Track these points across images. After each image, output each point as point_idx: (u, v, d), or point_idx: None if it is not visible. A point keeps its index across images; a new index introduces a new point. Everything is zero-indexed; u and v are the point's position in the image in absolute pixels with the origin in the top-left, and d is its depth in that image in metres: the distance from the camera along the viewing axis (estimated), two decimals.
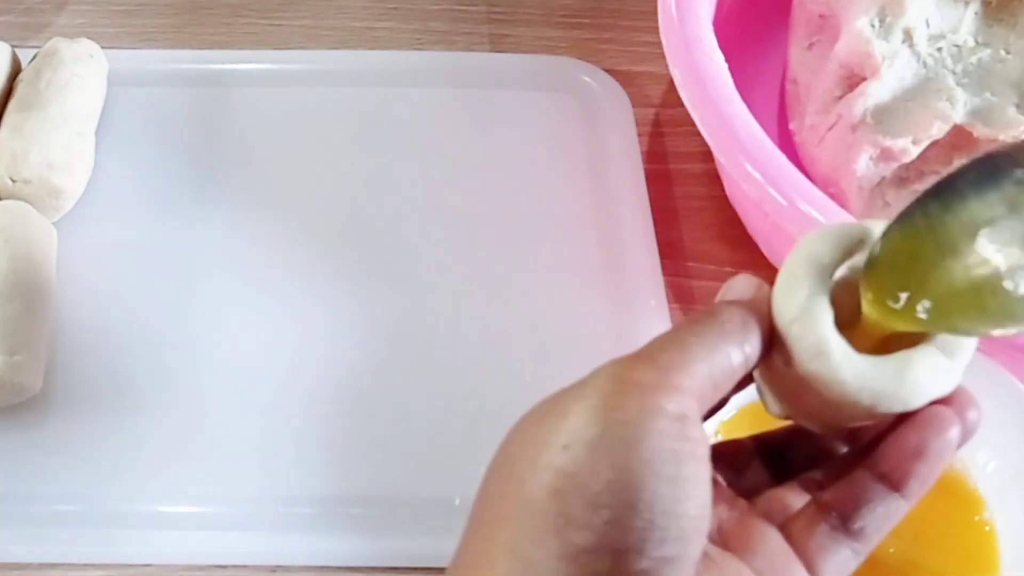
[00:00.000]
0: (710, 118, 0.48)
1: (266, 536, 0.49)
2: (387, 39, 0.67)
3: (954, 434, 0.29)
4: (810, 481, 0.32)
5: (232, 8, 0.68)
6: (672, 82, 0.50)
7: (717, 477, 0.32)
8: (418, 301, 0.56)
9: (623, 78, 0.64)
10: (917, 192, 0.51)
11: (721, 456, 0.33)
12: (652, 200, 0.59)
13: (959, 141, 0.51)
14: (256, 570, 0.49)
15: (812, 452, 0.33)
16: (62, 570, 0.49)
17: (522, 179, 0.60)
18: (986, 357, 0.44)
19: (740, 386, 0.32)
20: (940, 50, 0.53)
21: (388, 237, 0.58)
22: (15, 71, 0.60)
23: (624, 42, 0.67)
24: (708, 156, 0.60)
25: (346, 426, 0.52)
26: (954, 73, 0.52)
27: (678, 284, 0.58)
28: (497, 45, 0.67)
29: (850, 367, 0.29)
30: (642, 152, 0.61)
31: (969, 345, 0.30)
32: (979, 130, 0.50)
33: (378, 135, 0.62)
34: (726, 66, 0.50)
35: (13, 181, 0.55)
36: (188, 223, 0.58)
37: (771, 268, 0.56)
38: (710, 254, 0.59)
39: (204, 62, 0.64)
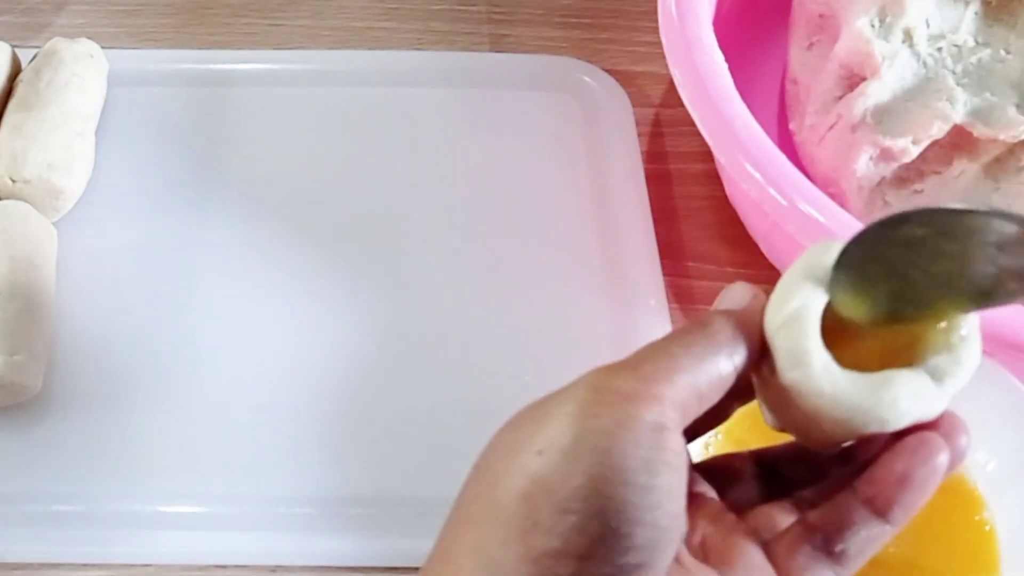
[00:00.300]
0: (710, 118, 0.48)
1: (266, 536, 0.49)
2: (387, 39, 0.67)
3: (941, 462, 0.29)
4: (802, 500, 0.32)
5: (232, 8, 0.68)
6: (672, 82, 0.50)
7: (707, 490, 0.32)
8: (418, 301, 0.56)
9: (623, 78, 0.64)
10: (917, 192, 0.52)
11: (715, 469, 0.33)
12: (652, 200, 0.59)
13: (959, 141, 0.51)
14: (256, 570, 0.49)
15: (808, 470, 0.33)
16: (62, 570, 0.49)
17: (522, 179, 0.60)
18: (986, 357, 0.44)
19: (746, 398, 0.32)
20: (940, 50, 0.53)
21: (388, 237, 0.58)
22: (15, 71, 0.60)
23: (624, 42, 0.67)
24: (708, 156, 0.60)
25: (346, 426, 0.52)
26: (954, 73, 0.52)
27: (678, 284, 0.58)
28: (497, 45, 0.67)
29: (829, 379, 0.29)
30: (642, 152, 0.61)
31: (961, 372, 0.29)
32: (979, 130, 0.50)
33: (378, 135, 0.62)
34: (726, 66, 0.50)
35: (13, 181, 0.55)
36: (188, 223, 0.58)
37: (771, 268, 0.56)
38: (710, 254, 0.59)
39: (204, 62, 0.64)
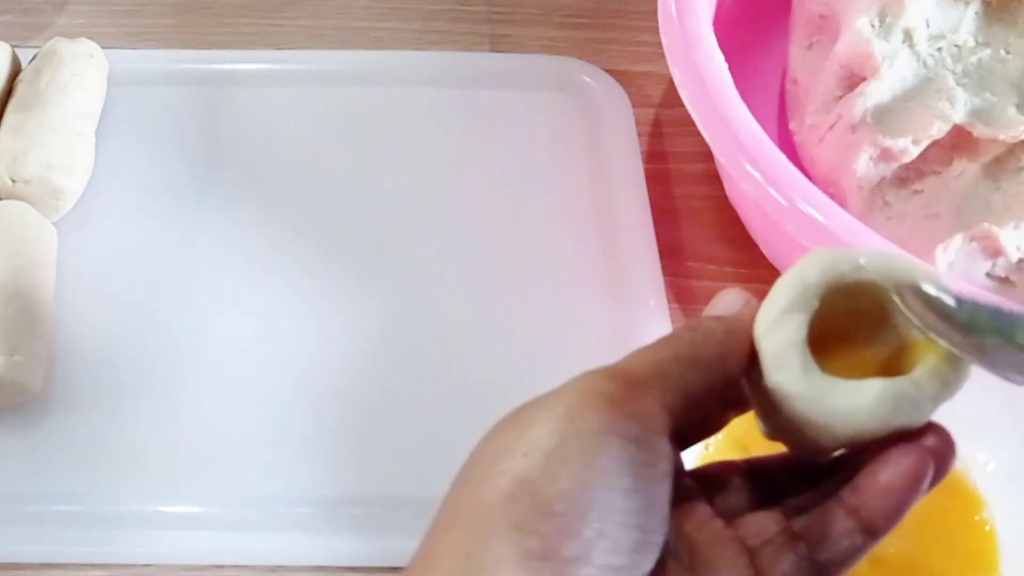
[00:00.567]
0: (710, 118, 0.48)
1: (266, 536, 0.49)
2: (387, 39, 0.67)
3: (925, 474, 0.29)
4: (790, 509, 0.32)
5: (232, 8, 0.68)
6: (672, 82, 0.50)
7: (697, 496, 0.32)
8: (418, 301, 0.56)
9: (623, 78, 0.64)
10: (917, 192, 0.52)
11: (707, 476, 0.33)
12: (652, 200, 0.59)
13: (959, 141, 0.51)
14: (256, 570, 0.49)
15: (800, 481, 0.33)
16: (62, 570, 0.49)
17: (522, 179, 0.60)
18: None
19: (742, 408, 0.32)
20: (940, 50, 0.53)
21: (387, 237, 0.58)
22: (15, 71, 0.60)
23: (624, 42, 0.67)
24: (708, 156, 0.60)
25: (346, 426, 0.52)
26: (954, 73, 0.52)
27: (678, 284, 0.58)
28: (497, 45, 0.67)
29: (809, 383, 0.29)
30: (642, 152, 0.61)
31: (946, 385, 0.29)
32: (979, 130, 0.50)
33: (378, 135, 0.62)
34: (726, 66, 0.50)
35: (13, 181, 0.55)
36: (188, 223, 0.58)
37: (771, 268, 0.56)
38: (710, 254, 0.59)
39: (204, 62, 0.64)
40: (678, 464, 0.31)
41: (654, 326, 0.55)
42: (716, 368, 0.30)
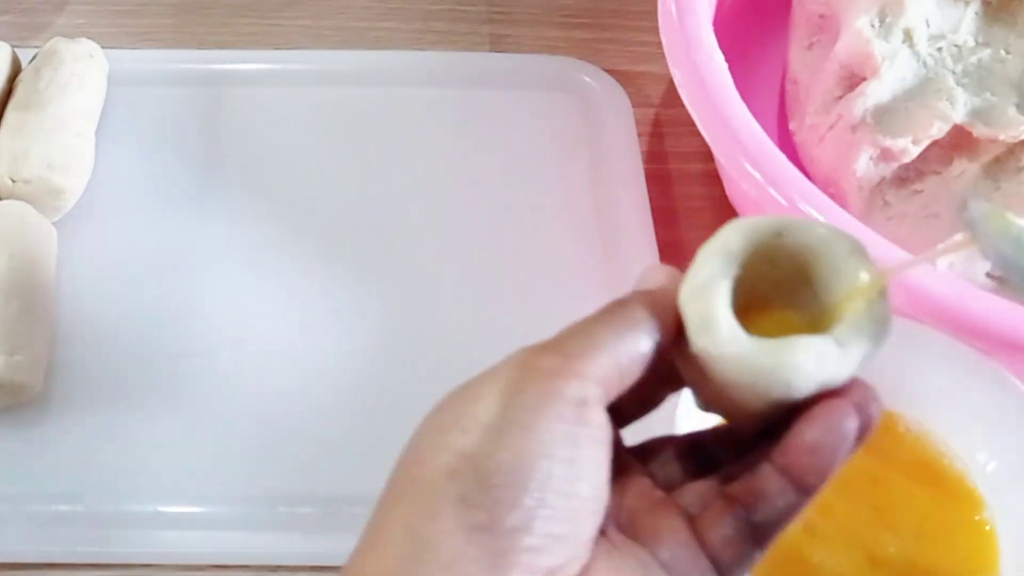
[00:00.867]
0: (710, 118, 0.48)
1: (266, 536, 0.49)
2: (387, 39, 0.67)
3: (850, 428, 0.30)
4: (726, 476, 0.32)
5: (232, 8, 0.68)
6: (672, 82, 0.50)
7: (637, 469, 0.33)
8: (418, 302, 0.56)
9: (623, 78, 0.64)
10: (917, 192, 0.52)
11: (645, 449, 0.34)
12: (652, 200, 0.59)
13: (959, 141, 0.51)
14: (256, 570, 0.49)
15: (735, 450, 0.33)
16: (62, 570, 0.49)
17: (522, 179, 0.60)
18: (986, 357, 0.44)
19: (677, 384, 0.32)
20: (940, 50, 0.53)
21: (387, 237, 0.58)
22: (15, 71, 0.60)
23: (624, 42, 0.67)
24: (708, 156, 0.60)
25: (346, 426, 0.52)
26: (954, 73, 0.52)
27: None
28: (497, 45, 0.67)
29: (734, 344, 0.29)
30: (642, 152, 0.61)
31: (865, 339, 0.30)
32: (979, 130, 0.50)
33: (378, 135, 0.62)
34: (726, 66, 0.50)
35: (13, 181, 0.55)
36: (188, 223, 0.58)
37: None
38: None
39: (204, 62, 0.64)
40: (617, 438, 0.32)
41: None
42: (645, 340, 0.30)
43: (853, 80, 0.53)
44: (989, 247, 0.29)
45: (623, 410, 0.31)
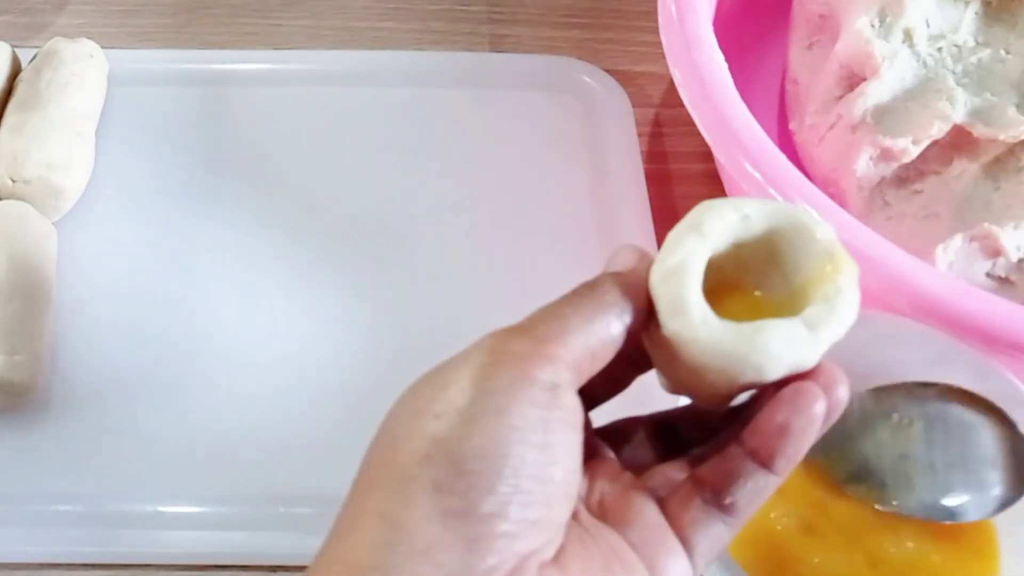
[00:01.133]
0: (710, 118, 0.48)
1: (266, 536, 0.49)
2: (387, 39, 0.67)
3: (818, 410, 0.30)
4: (696, 457, 0.33)
5: (232, 8, 0.68)
6: (672, 82, 0.50)
7: (606, 452, 0.33)
8: (419, 301, 0.56)
9: (623, 78, 0.64)
10: (917, 192, 0.52)
11: (614, 432, 0.34)
12: (652, 200, 0.59)
13: (959, 141, 0.51)
14: (256, 570, 0.49)
15: (703, 431, 0.34)
16: (62, 570, 0.49)
17: (522, 179, 0.60)
18: (986, 357, 0.44)
19: (645, 367, 0.33)
20: (940, 50, 0.53)
21: (387, 238, 0.58)
22: (15, 71, 0.60)
23: (624, 42, 0.67)
24: (708, 156, 0.60)
25: (347, 426, 0.52)
26: (954, 73, 0.52)
27: None
28: (497, 45, 0.67)
29: (705, 327, 0.29)
30: (642, 152, 0.61)
31: (835, 321, 0.30)
32: (979, 130, 0.50)
33: (378, 135, 0.62)
34: (726, 66, 0.50)
35: (13, 181, 0.55)
36: (188, 223, 0.58)
37: None
38: None
39: (204, 62, 0.64)
40: (586, 421, 0.32)
41: None
42: (615, 322, 0.30)
43: (853, 80, 0.53)
44: None
45: (591, 392, 0.31)
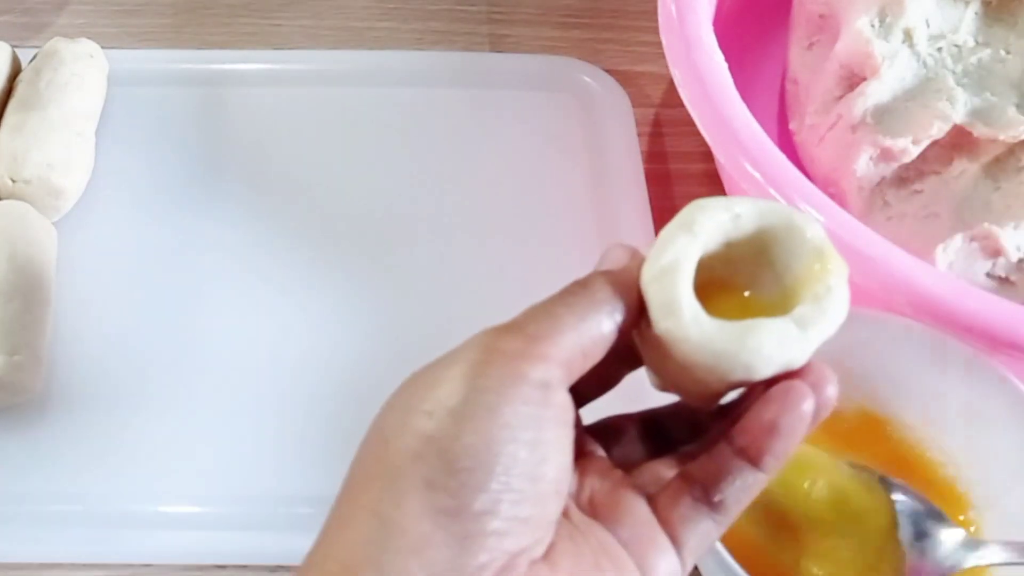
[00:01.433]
0: (710, 118, 0.48)
1: (266, 536, 0.49)
2: (387, 39, 0.67)
3: (807, 409, 0.30)
4: (684, 455, 0.33)
5: (232, 8, 0.68)
6: (672, 82, 0.50)
7: (596, 449, 0.33)
8: (418, 301, 0.56)
9: (623, 78, 0.64)
10: (917, 192, 0.52)
11: (604, 429, 0.34)
12: (652, 200, 0.59)
13: (959, 141, 0.51)
14: (256, 570, 0.49)
15: (692, 428, 0.34)
16: (62, 570, 0.49)
17: (522, 179, 0.60)
18: (986, 357, 0.44)
19: (635, 364, 0.33)
20: (940, 50, 0.53)
21: (387, 238, 0.58)
22: (15, 71, 0.60)
23: (624, 42, 0.67)
24: (708, 156, 0.60)
25: (347, 426, 0.52)
26: (954, 73, 0.52)
27: None
28: (497, 45, 0.67)
29: (697, 327, 0.30)
30: (642, 152, 0.61)
31: (825, 321, 0.30)
32: (979, 130, 0.50)
33: (377, 135, 0.62)
34: (726, 66, 0.50)
35: (13, 181, 0.55)
36: (188, 223, 0.58)
37: None
38: None
39: (204, 62, 0.64)
40: (577, 418, 0.32)
41: None
42: (607, 321, 0.30)
43: (853, 80, 0.53)
44: None
45: (581, 389, 0.32)
